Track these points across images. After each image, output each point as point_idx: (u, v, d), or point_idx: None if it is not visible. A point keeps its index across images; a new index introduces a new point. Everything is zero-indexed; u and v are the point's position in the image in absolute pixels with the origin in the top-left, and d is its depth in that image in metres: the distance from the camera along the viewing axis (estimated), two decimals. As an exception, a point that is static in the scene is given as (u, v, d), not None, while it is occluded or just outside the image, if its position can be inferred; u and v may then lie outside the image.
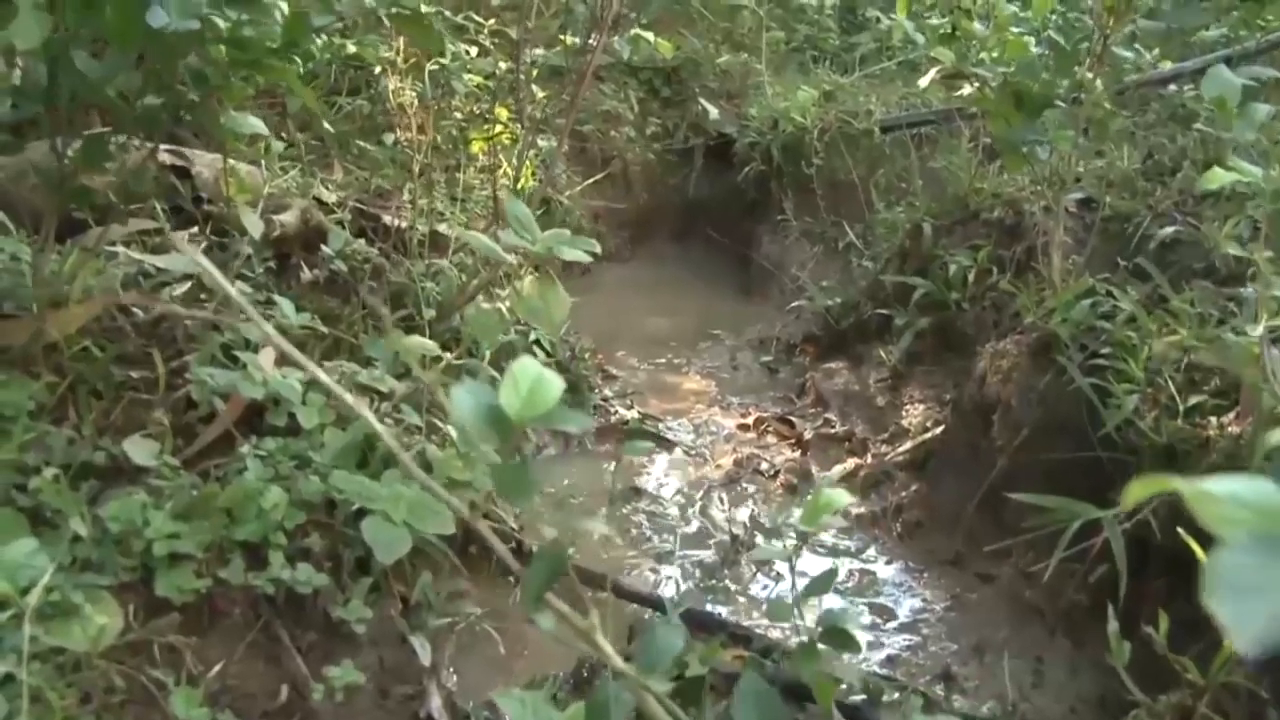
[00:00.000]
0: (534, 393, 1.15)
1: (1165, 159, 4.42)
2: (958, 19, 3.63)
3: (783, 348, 5.04)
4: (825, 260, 5.79)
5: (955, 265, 4.11)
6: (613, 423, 4.14)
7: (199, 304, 2.98)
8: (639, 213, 7.51)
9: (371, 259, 3.33)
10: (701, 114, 7.60)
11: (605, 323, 5.56)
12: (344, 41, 4.34)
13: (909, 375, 4.17)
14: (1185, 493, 0.53)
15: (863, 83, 6.78)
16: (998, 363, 3.29)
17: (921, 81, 3.92)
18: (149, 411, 2.52)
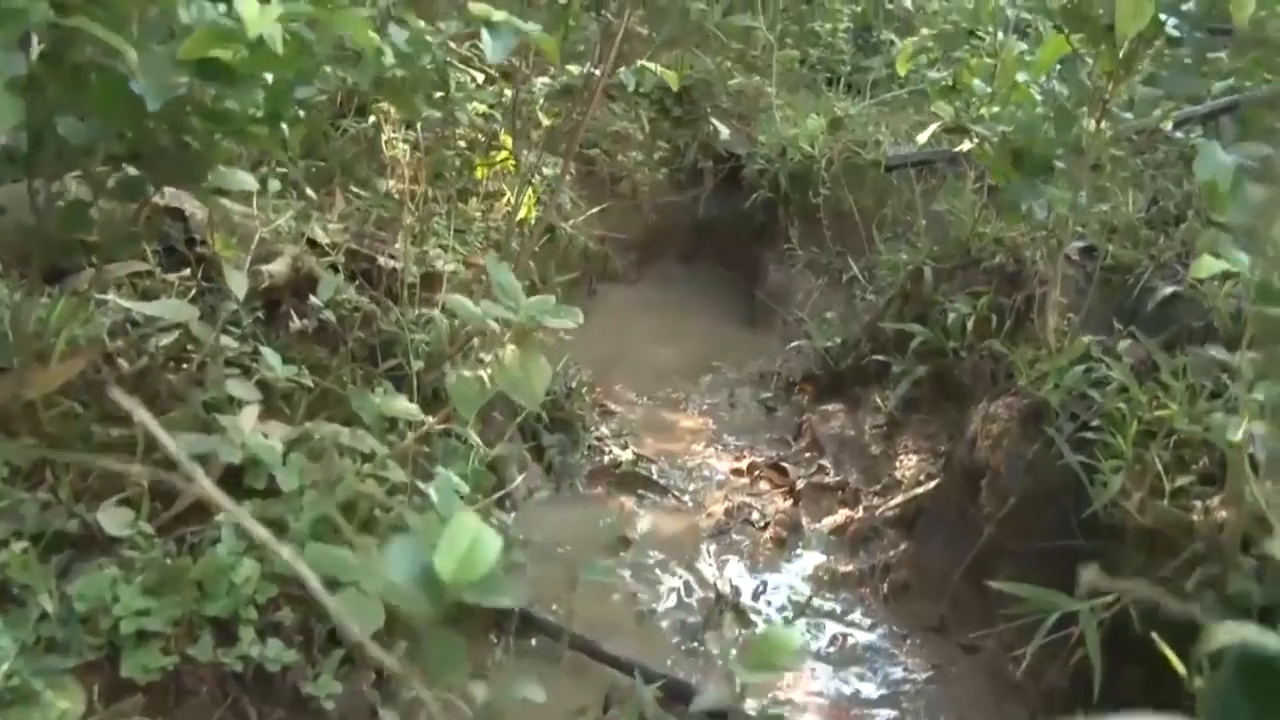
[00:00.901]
0: (471, 554, 1.13)
1: (1170, 205, 4.38)
2: (959, 72, 3.60)
3: (782, 385, 5.02)
4: (829, 292, 5.76)
5: (954, 313, 4.08)
6: (606, 464, 4.13)
7: (185, 353, 2.98)
8: (647, 233, 7.50)
9: (362, 307, 3.32)
10: (713, 134, 7.58)
11: (608, 349, 5.55)
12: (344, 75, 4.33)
13: (905, 423, 4.15)
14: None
15: (873, 110, 6.73)
16: (988, 426, 3.26)
17: (920, 137, 3.88)
18: (128, 474, 2.52)
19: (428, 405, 3.32)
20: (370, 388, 3.20)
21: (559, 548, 3.55)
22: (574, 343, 5.39)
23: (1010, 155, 3.33)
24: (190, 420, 2.70)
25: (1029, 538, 2.93)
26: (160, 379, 2.84)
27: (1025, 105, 3.48)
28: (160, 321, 2.98)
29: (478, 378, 2.56)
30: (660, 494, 3.99)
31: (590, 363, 5.16)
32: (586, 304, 6.37)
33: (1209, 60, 3.22)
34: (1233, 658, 0.53)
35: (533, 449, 4.06)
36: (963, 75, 3.62)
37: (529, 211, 5.07)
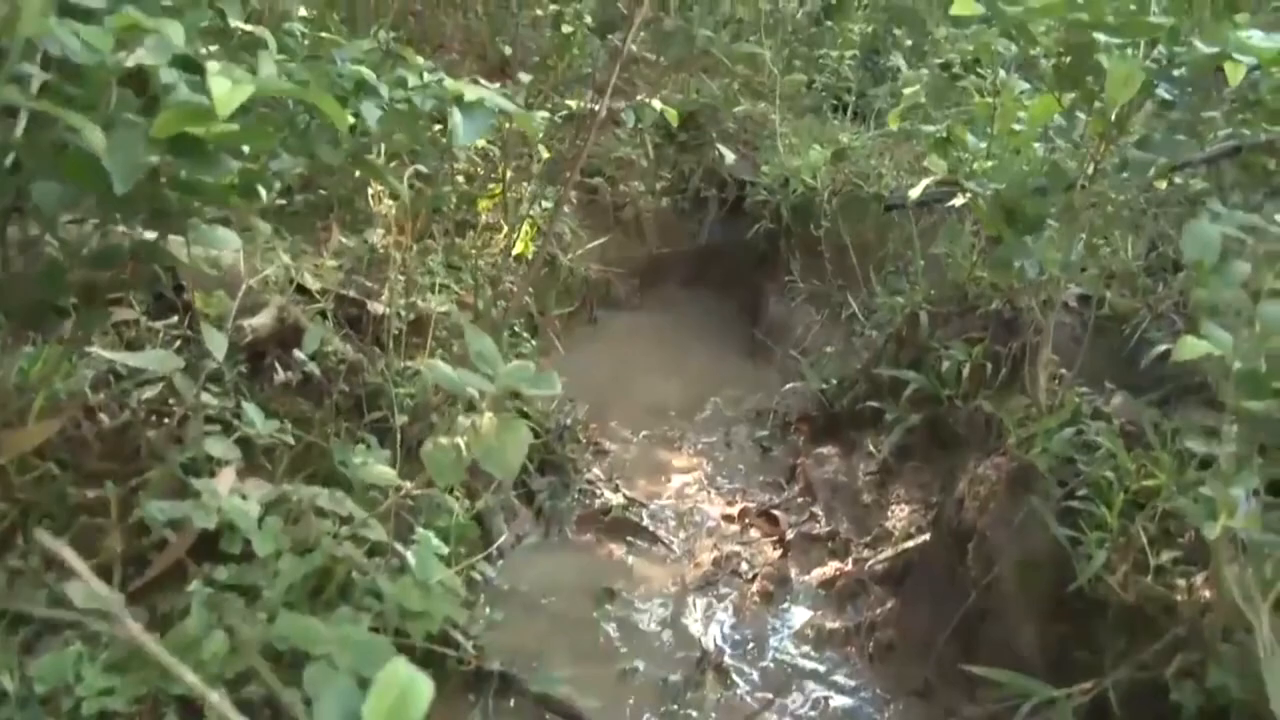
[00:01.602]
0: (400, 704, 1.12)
1: (1170, 251, 4.34)
2: (954, 125, 3.57)
3: (779, 423, 4.99)
4: (829, 326, 5.73)
5: (949, 361, 4.04)
6: (596, 509, 4.11)
7: (167, 407, 2.97)
8: (650, 259, 7.48)
9: (347, 358, 3.31)
10: (718, 160, 7.57)
11: (606, 380, 5.54)
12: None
13: (898, 471, 4.12)
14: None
15: (877, 140, 6.70)
16: (976, 488, 3.23)
17: (913, 192, 3.85)
18: (102, 537, 2.51)
19: (412, 457, 3.31)
20: (354, 441, 3.19)
21: (544, 599, 3.52)
22: (573, 372, 5.38)
23: (1003, 212, 3.30)
24: (168, 480, 2.69)
25: (1015, 606, 2.90)
26: (140, 435, 2.83)
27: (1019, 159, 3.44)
28: (144, 374, 2.98)
29: (454, 446, 2.53)
30: (649, 541, 3.97)
31: (588, 394, 5.14)
32: (588, 331, 6.39)
33: (1204, 119, 3.17)
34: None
35: (523, 493, 4.04)
36: (956, 128, 3.58)
37: (526, 246, 5.06)
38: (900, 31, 8.95)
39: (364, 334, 3.64)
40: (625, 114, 5.07)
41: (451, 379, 2.59)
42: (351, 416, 3.30)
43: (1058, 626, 2.79)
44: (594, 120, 4.37)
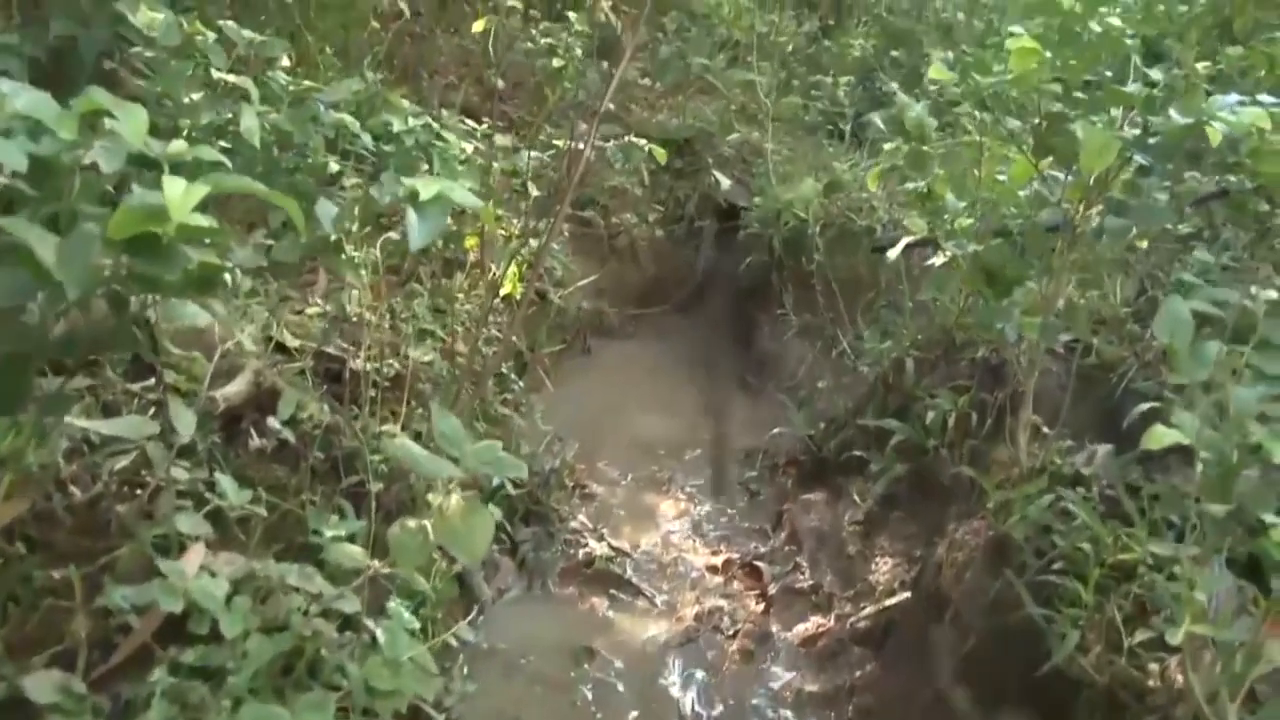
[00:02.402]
0: None
1: (1160, 294, 4.30)
2: (934, 182, 3.55)
3: (768, 464, 4.98)
4: (821, 360, 5.70)
5: (935, 410, 4.02)
6: (580, 559, 4.09)
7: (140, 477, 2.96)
8: (645, 285, 7.48)
9: (323, 423, 3.30)
10: (713, 185, 7.55)
11: (597, 415, 5.53)
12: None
13: (883, 521, 4.10)
14: None
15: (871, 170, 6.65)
16: (954, 554, 3.21)
17: (891, 253, 3.83)
18: (69, 621, 2.50)
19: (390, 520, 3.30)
20: (331, 507, 3.18)
21: (523, 658, 3.51)
22: (564, 408, 5.39)
23: (983, 273, 3.28)
24: (137, 559, 2.68)
25: (990, 680, 2.88)
26: (111, 508, 2.82)
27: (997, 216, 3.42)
28: (117, 442, 2.97)
29: (420, 529, 2.53)
30: (632, 594, 3.96)
31: (579, 430, 5.14)
32: (580, 362, 6.38)
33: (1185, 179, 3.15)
34: None
35: (506, 547, 4.03)
36: (936, 184, 3.56)
37: (514, 287, 5.04)
38: (898, 53, 8.93)
39: (344, 391, 3.62)
40: (613, 153, 5.05)
41: (418, 461, 2.58)
42: (329, 480, 3.29)
43: (1032, 705, 2.77)
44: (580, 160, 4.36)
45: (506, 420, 4.35)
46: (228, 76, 3.75)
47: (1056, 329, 3.22)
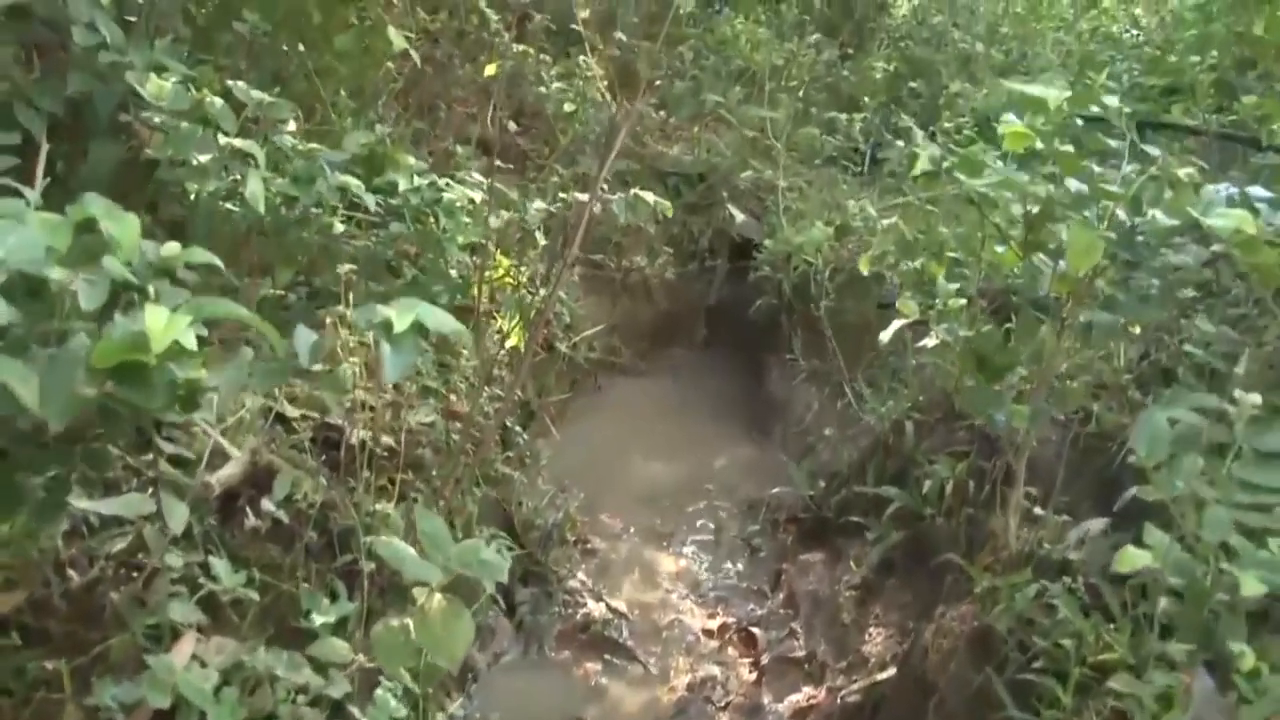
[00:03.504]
0: None
1: (1163, 357, 4.30)
2: (928, 264, 3.56)
3: (769, 518, 5.00)
4: (828, 406, 5.72)
5: (932, 478, 4.03)
6: (578, 622, 4.13)
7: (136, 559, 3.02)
8: (657, 319, 7.51)
9: (318, 502, 3.35)
10: (728, 219, 7.58)
11: (603, 459, 5.57)
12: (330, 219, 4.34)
13: (879, 588, 4.11)
14: None
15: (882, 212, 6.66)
16: (939, 640, 3.23)
17: (883, 335, 3.84)
18: (60, 715, 2.56)
19: (384, 598, 3.36)
20: (324, 587, 3.23)
21: (514, 730, 3.56)
22: (571, 452, 5.44)
23: (974, 358, 3.30)
24: (128, 649, 2.74)
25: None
26: (107, 594, 2.88)
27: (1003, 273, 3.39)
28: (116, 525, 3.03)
29: (403, 628, 2.57)
30: (627, 659, 3.99)
31: (584, 477, 5.19)
32: (590, 400, 6.41)
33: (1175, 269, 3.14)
34: None
35: (504, 608, 4.07)
36: (931, 267, 3.58)
37: (519, 339, 5.08)
38: (916, 84, 8.93)
39: (342, 459, 3.67)
40: (619, 207, 5.07)
41: (405, 564, 2.63)
42: (324, 557, 3.34)
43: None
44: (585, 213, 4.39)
45: (508, 480, 4.38)
46: (235, 141, 3.82)
47: (1046, 415, 3.23)
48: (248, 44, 5.03)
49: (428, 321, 2.26)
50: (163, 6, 4.66)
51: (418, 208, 4.68)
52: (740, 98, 8.10)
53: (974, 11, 9.87)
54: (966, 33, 9.23)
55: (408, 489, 3.75)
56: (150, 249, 2.51)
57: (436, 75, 7.45)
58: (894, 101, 9.08)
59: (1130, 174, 3.22)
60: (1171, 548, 2.37)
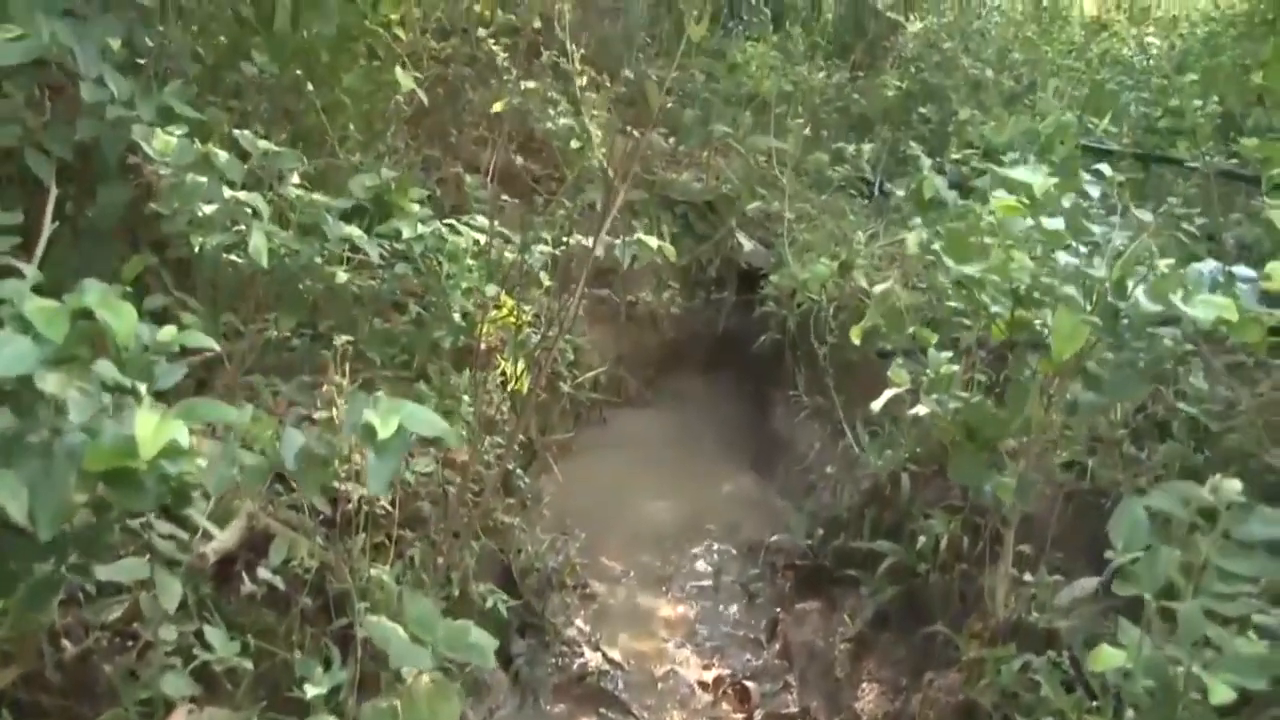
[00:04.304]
0: None
1: (1160, 409, 4.30)
2: (920, 332, 3.59)
3: (768, 562, 5.03)
4: (830, 445, 5.74)
5: (926, 535, 4.05)
6: (574, 673, 4.17)
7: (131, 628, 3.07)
8: (665, 347, 7.55)
9: (314, 567, 3.39)
10: (736, 247, 7.61)
11: (605, 497, 5.62)
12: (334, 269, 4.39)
13: (874, 642, 4.14)
14: None
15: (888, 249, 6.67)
16: (927, 711, 3.25)
17: (874, 405, 3.86)
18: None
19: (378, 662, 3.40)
20: (319, 652, 3.28)
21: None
22: (573, 490, 5.48)
23: (963, 428, 3.33)
24: None
25: None
26: (100, 666, 2.93)
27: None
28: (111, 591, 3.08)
29: (391, 709, 2.62)
30: (621, 713, 4.03)
31: (585, 515, 5.24)
32: (595, 434, 6.45)
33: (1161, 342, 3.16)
34: None
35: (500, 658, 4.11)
36: (922, 335, 3.60)
37: (520, 383, 5.13)
38: (926, 109, 8.93)
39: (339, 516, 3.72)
40: (621, 251, 5.10)
41: (393, 647, 2.67)
42: (319, 621, 3.39)
43: None
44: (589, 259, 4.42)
45: (508, 529, 4.42)
46: (240, 194, 3.88)
47: (1033, 489, 3.26)
48: (257, 83, 5.09)
49: (414, 425, 2.29)
50: (172, 48, 4.73)
51: (422, 255, 4.73)
52: (750, 124, 8.11)
53: (985, 35, 9.87)
54: (976, 58, 9.22)
55: (406, 546, 3.79)
56: (146, 333, 2.56)
57: (447, 100, 7.50)
58: (904, 124, 9.11)
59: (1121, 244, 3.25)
60: (1144, 644, 2.39)
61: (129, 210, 4.18)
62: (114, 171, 4.09)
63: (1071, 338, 2.79)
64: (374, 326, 4.96)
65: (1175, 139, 6.99)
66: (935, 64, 9.31)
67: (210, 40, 4.98)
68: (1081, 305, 2.91)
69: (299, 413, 4.32)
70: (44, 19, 3.79)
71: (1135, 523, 2.54)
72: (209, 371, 4.50)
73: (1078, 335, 2.79)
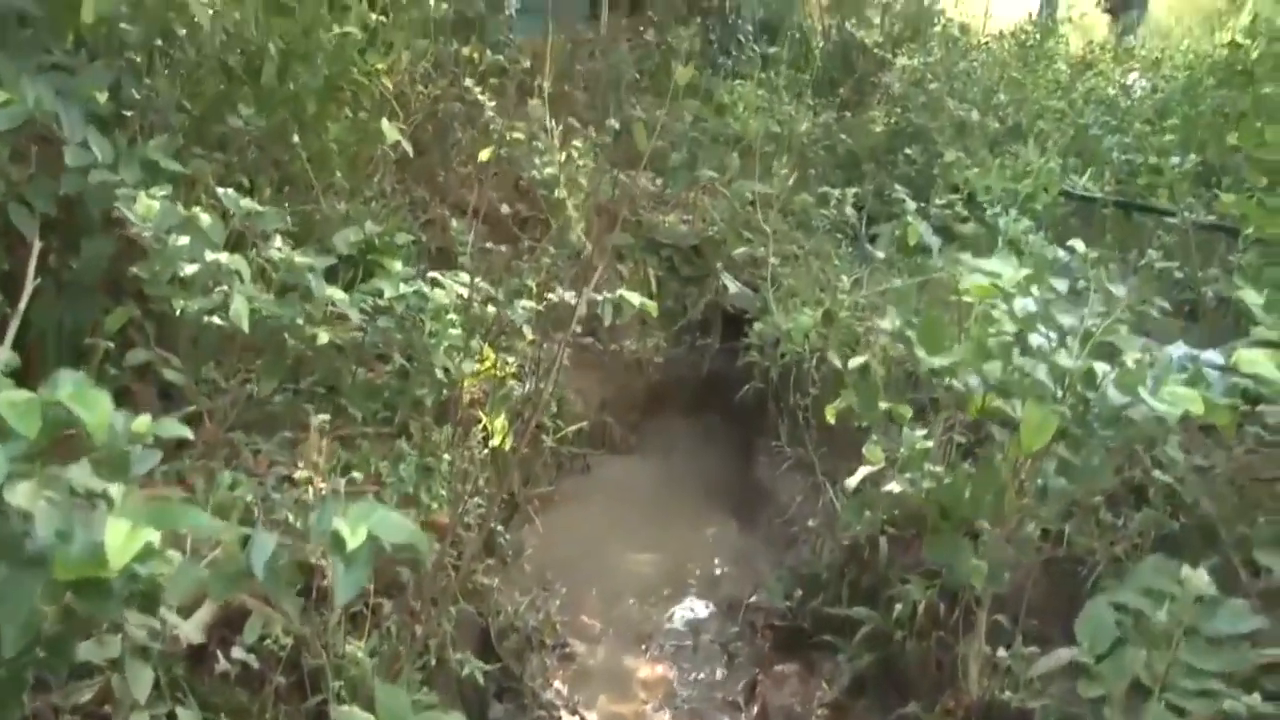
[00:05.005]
0: None
1: (1138, 473, 4.33)
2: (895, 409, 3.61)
3: (748, 620, 5.04)
4: (812, 497, 5.76)
5: (903, 602, 4.07)
6: (552, 744, 4.18)
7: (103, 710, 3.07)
8: (649, 390, 7.56)
9: (288, 644, 3.40)
10: (721, 290, 7.64)
11: (587, 551, 5.62)
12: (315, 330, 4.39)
13: (851, 709, 4.16)
14: None
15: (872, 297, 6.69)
16: (899, 791, 3.27)
17: (849, 482, 3.89)
18: None
19: (351, 739, 3.40)
20: (292, 733, 3.29)
21: None
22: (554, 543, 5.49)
23: (937, 508, 3.35)
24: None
25: None
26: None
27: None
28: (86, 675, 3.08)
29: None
30: (599, 783, 4.04)
31: (567, 569, 5.25)
32: (578, 483, 6.46)
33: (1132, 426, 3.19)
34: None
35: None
36: (897, 412, 3.62)
37: (503, 440, 5.14)
38: (911, 151, 8.98)
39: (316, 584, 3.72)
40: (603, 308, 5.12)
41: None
42: (293, 699, 3.39)
43: None
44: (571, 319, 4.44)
45: (487, 591, 4.43)
46: (222, 257, 3.89)
47: (1005, 573, 3.28)
48: (243, 134, 5.12)
49: (383, 533, 2.29)
50: (158, 101, 4.75)
51: (403, 315, 4.75)
52: (736, 168, 8.15)
53: (970, 75, 9.93)
54: (962, 99, 9.28)
55: (383, 617, 3.80)
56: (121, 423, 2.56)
57: (436, 140, 7.54)
58: (890, 164, 9.16)
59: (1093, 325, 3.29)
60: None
61: (112, 262, 4.20)
62: (98, 225, 4.11)
63: (1040, 429, 2.82)
64: (356, 379, 4.97)
65: (1156, 188, 7.05)
66: (921, 104, 9.36)
67: (197, 89, 5.00)
68: (1052, 391, 2.94)
69: (279, 472, 4.36)
70: (29, 83, 3.81)
71: (1100, 623, 2.56)
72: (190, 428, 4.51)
73: (1047, 427, 2.82)
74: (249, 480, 4.14)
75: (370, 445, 4.71)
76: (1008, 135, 9.06)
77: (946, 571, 3.39)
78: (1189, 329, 6.01)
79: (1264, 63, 7.00)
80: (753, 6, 11.32)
